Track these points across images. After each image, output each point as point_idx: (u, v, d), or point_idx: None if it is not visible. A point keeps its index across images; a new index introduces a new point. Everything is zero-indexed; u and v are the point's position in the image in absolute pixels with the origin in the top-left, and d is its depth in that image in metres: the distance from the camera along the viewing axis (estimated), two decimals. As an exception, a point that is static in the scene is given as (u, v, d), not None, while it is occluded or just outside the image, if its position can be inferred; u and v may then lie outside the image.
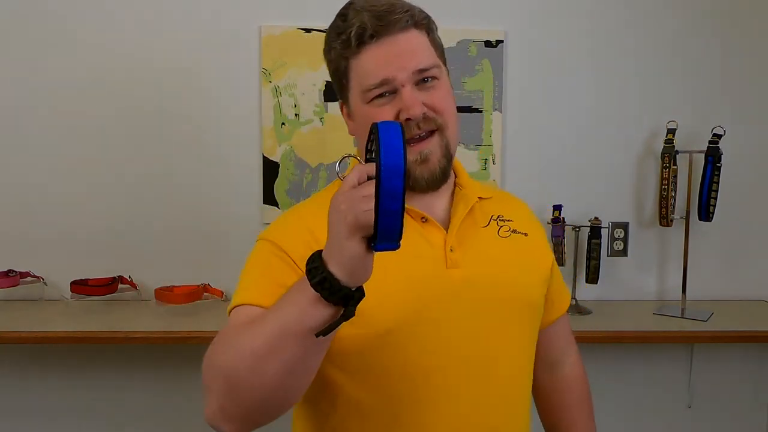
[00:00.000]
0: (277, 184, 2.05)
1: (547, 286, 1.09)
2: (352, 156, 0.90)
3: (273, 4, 2.02)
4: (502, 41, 2.05)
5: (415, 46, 0.96)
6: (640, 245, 2.13)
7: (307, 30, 1.98)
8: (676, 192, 2.04)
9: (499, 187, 2.08)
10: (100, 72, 2.00)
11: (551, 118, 2.10)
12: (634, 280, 2.16)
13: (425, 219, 0.99)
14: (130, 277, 2.01)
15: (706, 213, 2.02)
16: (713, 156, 1.98)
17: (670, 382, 2.19)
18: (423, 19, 0.98)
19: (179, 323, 1.81)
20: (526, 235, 1.07)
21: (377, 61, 0.94)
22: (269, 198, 2.05)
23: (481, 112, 2.07)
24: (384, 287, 0.87)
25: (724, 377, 2.19)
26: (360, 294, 0.75)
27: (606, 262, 2.06)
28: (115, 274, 2.00)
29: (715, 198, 2.01)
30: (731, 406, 2.20)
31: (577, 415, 1.19)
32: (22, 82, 1.99)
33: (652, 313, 2.00)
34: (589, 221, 2.04)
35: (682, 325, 1.91)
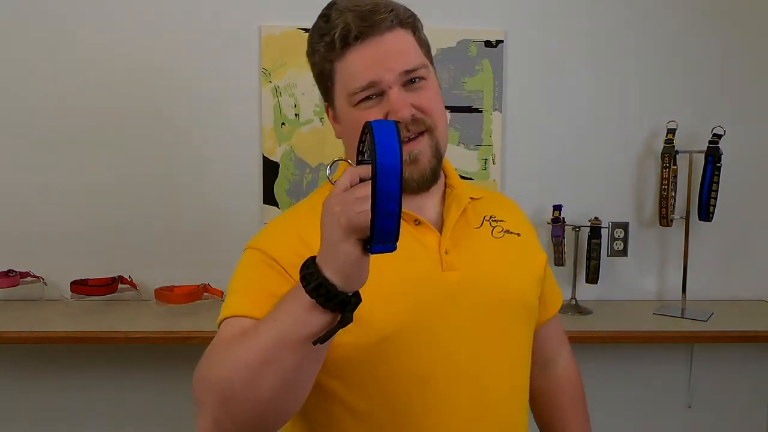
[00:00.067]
0: (277, 184, 2.05)
1: (542, 286, 1.08)
2: (342, 159, 0.88)
3: (273, 4, 2.02)
4: (502, 41, 2.05)
5: (402, 46, 0.93)
6: (640, 245, 2.13)
7: (307, 30, 1.95)
8: (676, 192, 2.04)
9: (499, 187, 2.09)
10: (99, 72, 2.00)
11: (551, 118, 2.10)
12: (634, 280, 2.16)
13: (418, 221, 0.97)
14: (130, 277, 2.01)
15: (706, 213, 2.02)
16: (713, 156, 1.99)
17: (670, 382, 2.19)
18: (408, 18, 0.95)
19: (179, 323, 1.81)
20: (519, 235, 1.05)
21: (363, 63, 0.91)
22: (269, 198, 2.05)
23: (481, 112, 2.07)
24: (380, 293, 0.86)
25: (724, 377, 2.19)
26: (357, 299, 0.74)
27: (606, 262, 2.06)
28: (115, 274, 2.00)
29: (715, 198, 2.01)
30: (731, 406, 2.20)
31: (572, 415, 1.18)
32: (22, 82, 1.99)
33: (652, 313, 2.00)
34: (589, 221, 2.04)
35: (682, 325, 1.91)
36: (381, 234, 0.67)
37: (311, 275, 0.72)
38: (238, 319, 0.86)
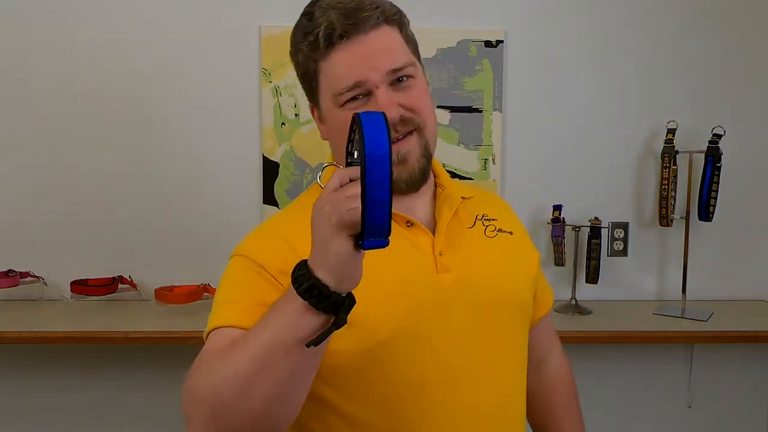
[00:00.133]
0: (277, 184, 2.05)
1: (536, 285, 1.06)
2: (332, 164, 0.87)
3: (273, 4, 2.02)
4: (502, 41, 2.05)
5: (388, 44, 0.90)
6: (640, 245, 2.13)
7: (307, 30, 1.97)
8: (676, 192, 2.04)
9: (499, 187, 2.09)
10: (99, 72, 2.00)
11: (551, 118, 2.10)
12: (634, 280, 2.16)
13: (410, 223, 0.94)
14: (130, 277, 2.01)
15: (706, 213, 2.02)
16: (713, 156, 1.98)
17: (670, 382, 2.19)
18: (394, 15, 0.92)
19: (179, 323, 1.81)
20: (512, 233, 1.04)
21: (348, 62, 0.89)
22: (269, 198, 2.05)
23: (481, 112, 2.07)
24: (375, 297, 0.84)
25: (724, 377, 2.19)
26: (351, 301, 0.72)
27: (606, 262, 2.06)
28: (115, 274, 2.00)
29: (715, 198, 2.01)
30: (731, 406, 2.20)
31: (565, 415, 1.17)
32: (22, 82, 1.99)
33: (652, 313, 2.00)
34: (589, 221, 2.04)
35: (682, 325, 1.91)
36: (372, 226, 0.66)
37: (303, 276, 0.70)
38: (226, 329, 0.83)
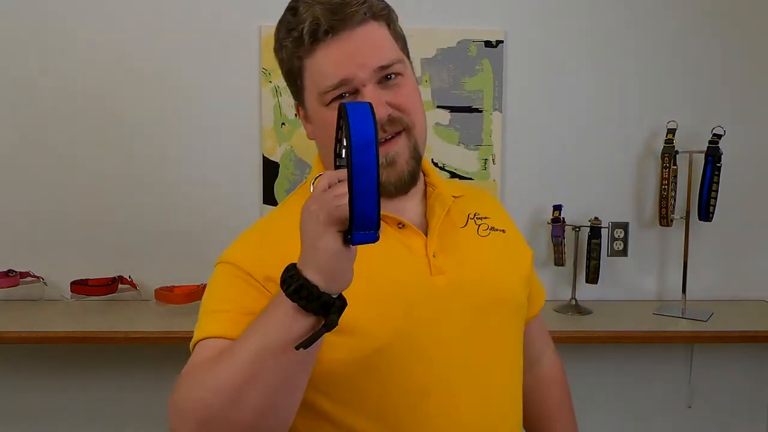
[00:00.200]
0: (277, 184, 2.05)
1: (530, 284, 1.04)
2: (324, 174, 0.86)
3: (273, 4, 1.99)
4: (502, 41, 2.05)
5: (375, 40, 0.87)
6: (640, 245, 2.13)
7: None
8: (676, 192, 2.04)
9: (499, 187, 2.09)
10: (99, 72, 2.00)
11: (551, 118, 2.10)
12: (634, 280, 2.16)
13: (402, 224, 0.91)
14: (130, 277, 2.01)
15: (706, 213, 2.02)
16: (713, 156, 1.98)
17: (670, 382, 2.19)
18: (382, 10, 0.89)
19: (179, 323, 1.81)
20: (504, 231, 1.01)
21: (334, 59, 0.85)
22: (269, 198, 2.05)
23: (481, 112, 2.07)
24: (368, 302, 0.82)
25: (724, 377, 2.19)
26: (342, 302, 0.70)
27: (606, 262, 2.06)
28: (115, 274, 2.00)
29: (715, 198, 2.01)
30: (731, 406, 2.20)
31: (558, 415, 1.15)
32: (22, 82, 1.99)
33: (652, 313, 2.00)
34: (589, 221, 2.04)
35: (682, 325, 1.91)
36: (361, 217, 0.64)
37: (291, 278, 0.69)
38: (213, 340, 0.81)
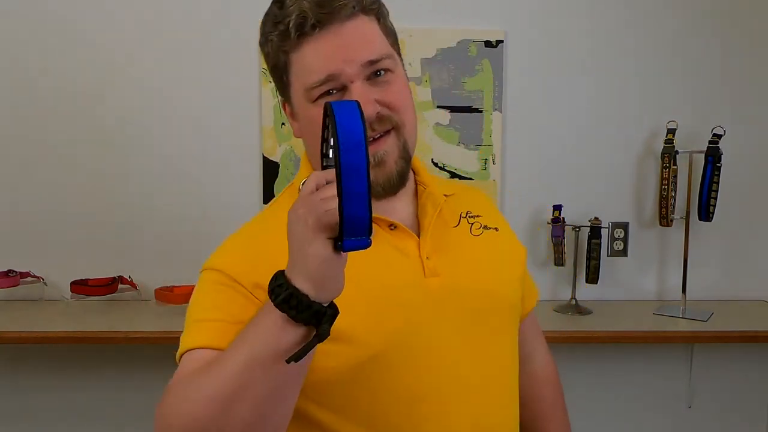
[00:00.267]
0: (277, 184, 2.05)
1: (523, 283, 1.02)
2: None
3: (273, 4, 2.01)
4: (502, 41, 2.05)
5: (365, 35, 0.84)
6: (640, 245, 2.13)
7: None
8: (676, 192, 2.04)
9: (499, 187, 2.09)
10: (99, 72, 2.00)
11: (551, 118, 2.10)
12: (634, 280, 2.16)
13: (393, 226, 0.88)
14: (130, 277, 2.01)
15: (706, 213, 2.02)
16: (713, 156, 1.98)
17: (670, 382, 2.19)
18: (372, 4, 0.86)
19: (179, 323, 1.76)
20: (497, 230, 0.99)
21: (321, 54, 0.82)
22: (269, 198, 2.05)
23: (481, 112, 2.07)
24: (362, 308, 0.80)
25: (724, 377, 2.19)
26: (333, 311, 0.67)
27: (606, 262, 2.06)
28: (115, 274, 2.00)
29: (715, 198, 2.01)
30: (731, 406, 2.20)
31: (551, 414, 1.13)
32: (22, 82, 1.99)
33: (652, 313, 2.00)
34: (589, 221, 2.04)
35: (682, 325, 1.91)
36: (351, 222, 0.61)
37: (280, 287, 0.66)
38: (200, 351, 0.78)
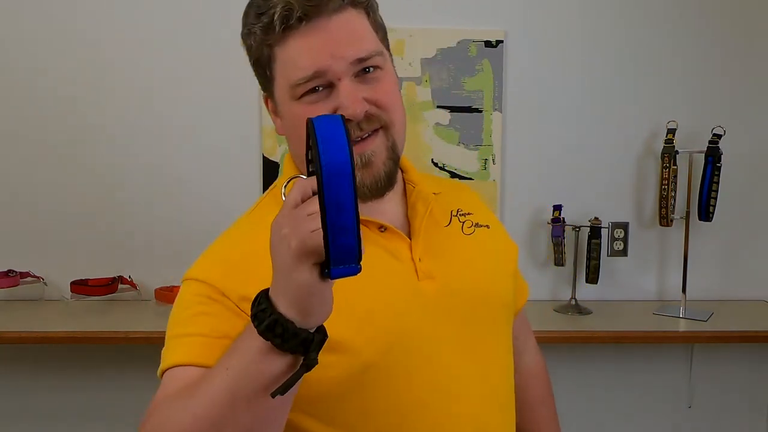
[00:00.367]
0: (277, 184, 2.05)
1: (516, 280, 0.99)
2: (298, 176, 0.70)
3: (273, 4, 2.01)
4: (502, 41, 2.05)
5: (354, 30, 0.79)
6: (640, 245, 2.13)
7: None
8: (676, 192, 2.04)
9: (499, 187, 2.08)
10: (99, 72, 2.00)
11: (551, 118, 2.10)
12: (634, 280, 2.15)
13: (383, 228, 0.85)
14: (130, 277, 2.01)
15: (706, 213, 2.02)
16: (713, 156, 1.98)
17: (670, 382, 2.19)
18: None
19: (179, 323, 1.80)
20: (489, 227, 0.96)
21: (308, 49, 0.77)
22: (269, 198, 2.05)
23: (481, 112, 2.07)
24: (355, 316, 0.77)
25: (724, 377, 2.19)
26: (322, 336, 0.63)
27: (606, 262, 2.06)
28: (115, 274, 2.00)
29: (715, 198, 2.01)
30: (731, 406, 2.20)
31: (539, 411, 1.11)
32: (22, 82, 1.99)
33: (652, 313, 2.00)
34: (589, 221, 2.04)
35: (682, 325, 1.91)
36: (338, 254, 0.57)
37: (264, 312, 0.61)
38: (182, 369, 0.74)
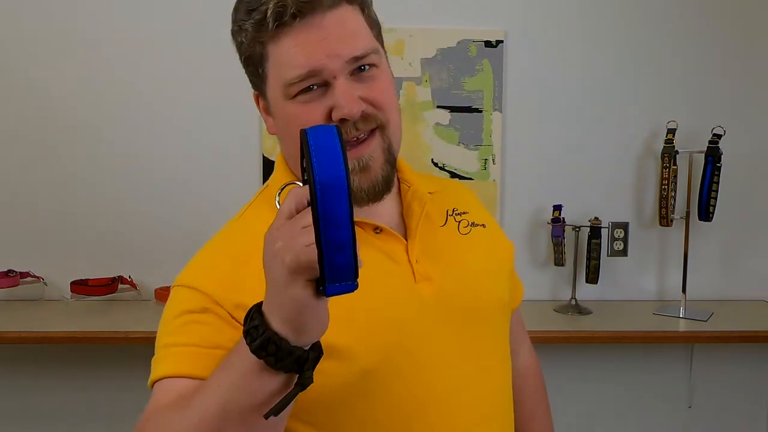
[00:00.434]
0: (277, 184, 2.05)
1: (512, 278, 0.98)
2: (293, 183, 0.68)
3: (273, 4, 2.01)
4: (502, 41, 2.05)
5: (349, 27, 0.77)
6: (640, 245, 2.13)
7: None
8: (676, 192, 2.04)
9: (499, 187, 2.08)
10: (99, 73, 2.00)
11: (551, 118, 2.10)
12: (634, 280, 2.15)
13: (379, 229, 0.83)
14: (130, 277, 2.01)
15: (706, 213, 2.02)
16: (713, 156, 1.98)
17: (670, 381, 2.19)
18: None
19: (179, 323, 1.80)
20: (485, 226, 0.94)
21: (302, 47, 0.75)
22: (269, 198, 2.05)
23: (481, 112, 2.07)
24: (352, 320, 0.75)
25: (724, 377, 2.19)
26: (317, 354, 0.61)
27: (606, 262, 2.06)
28: (115, 274, 2.00)
29: (715, 198, 2.01)
30: (731, 406, 2.20)
31: (532, 412, 1.10)
32: (22, 82, 1.99)
33: (652, 313, 2.00)
34: (589, 221, 2.04)
35: (682, 325, 1.92)
36: (333, 271, 0.55)
37: (256, 329, 0.59)
38: (172, 381, 0.72)
